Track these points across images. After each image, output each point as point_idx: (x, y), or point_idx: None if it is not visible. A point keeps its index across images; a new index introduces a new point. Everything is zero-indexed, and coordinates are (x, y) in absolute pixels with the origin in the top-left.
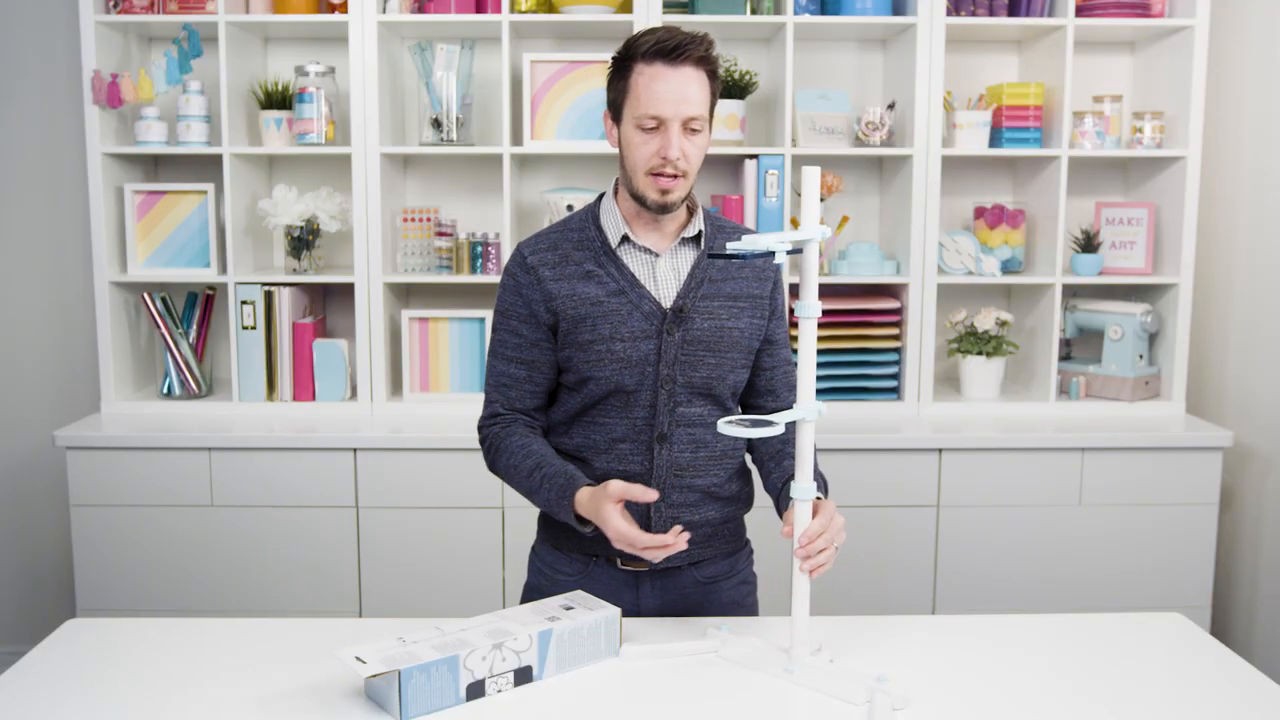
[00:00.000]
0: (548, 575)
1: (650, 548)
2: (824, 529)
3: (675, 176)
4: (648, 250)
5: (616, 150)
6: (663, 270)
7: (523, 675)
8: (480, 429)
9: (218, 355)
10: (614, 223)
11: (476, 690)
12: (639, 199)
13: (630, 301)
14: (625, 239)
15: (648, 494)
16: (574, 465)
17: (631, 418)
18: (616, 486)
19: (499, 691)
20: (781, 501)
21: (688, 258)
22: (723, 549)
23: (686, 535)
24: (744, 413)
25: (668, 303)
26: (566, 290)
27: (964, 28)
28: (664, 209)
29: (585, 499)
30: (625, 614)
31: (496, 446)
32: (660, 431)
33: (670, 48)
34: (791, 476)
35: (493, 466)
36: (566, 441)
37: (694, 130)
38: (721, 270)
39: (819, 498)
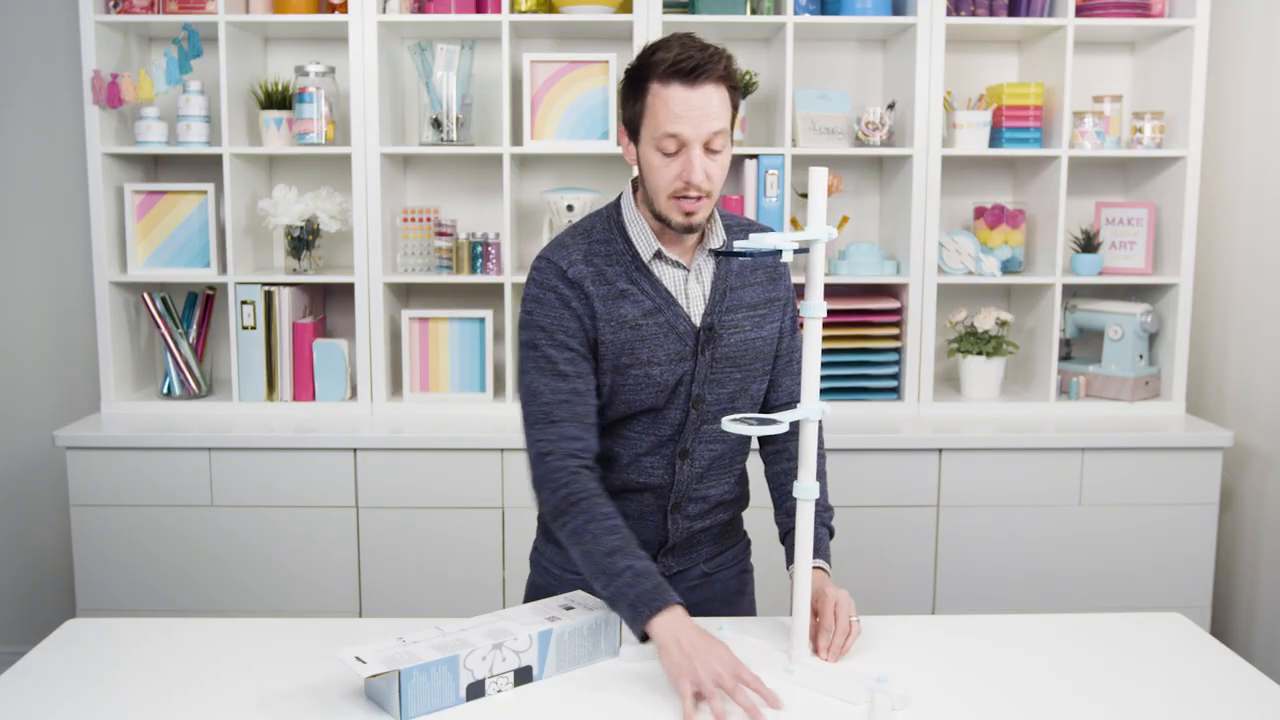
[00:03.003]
0: (555, 575)
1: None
2: (835, 616)
3: (699, 198)
4: (678, 264)
5: (634, 166)
6: (692, 283)
7: (523, 675)
8: (546, 457)
9: (218, 355)
10: (643, 234)
11: (476, 690)
12: (662, 220)
13: (666, 321)
14: (658, 253)
15: (774, 701)
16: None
17: (658, 434)
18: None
19: (499, 691)
20: (789, 552)
21: (709, 268)
22: (726, 544)
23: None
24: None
25: (697, 319)
26: (606, 313)
27: (964, 28)
28: (689, 230)
29: (687, 625)
30: None
31: (576, 500)
32: (684, 447)
33: (689, 69)
34: (791, 531)
35: (558, 513)
36: None
37: (715, 151)
38: (738, 276)
39: (823, 567)
